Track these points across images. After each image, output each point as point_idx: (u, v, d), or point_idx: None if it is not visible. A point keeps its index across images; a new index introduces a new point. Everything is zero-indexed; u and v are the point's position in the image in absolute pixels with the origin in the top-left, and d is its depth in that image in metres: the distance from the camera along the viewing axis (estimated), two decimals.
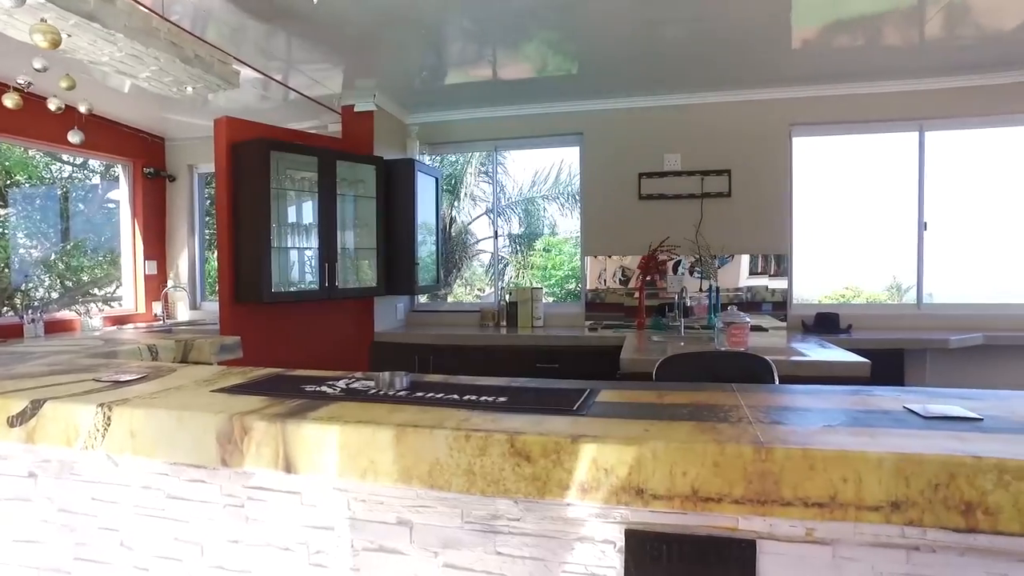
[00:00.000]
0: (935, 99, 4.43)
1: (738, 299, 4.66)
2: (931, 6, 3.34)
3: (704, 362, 2.27)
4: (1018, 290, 4.62)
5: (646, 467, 1.07)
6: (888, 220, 4.78)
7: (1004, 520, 0.97)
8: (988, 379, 4.27)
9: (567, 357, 4.30)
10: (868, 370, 2.92)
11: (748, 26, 3.53)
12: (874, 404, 1.34)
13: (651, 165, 4.79)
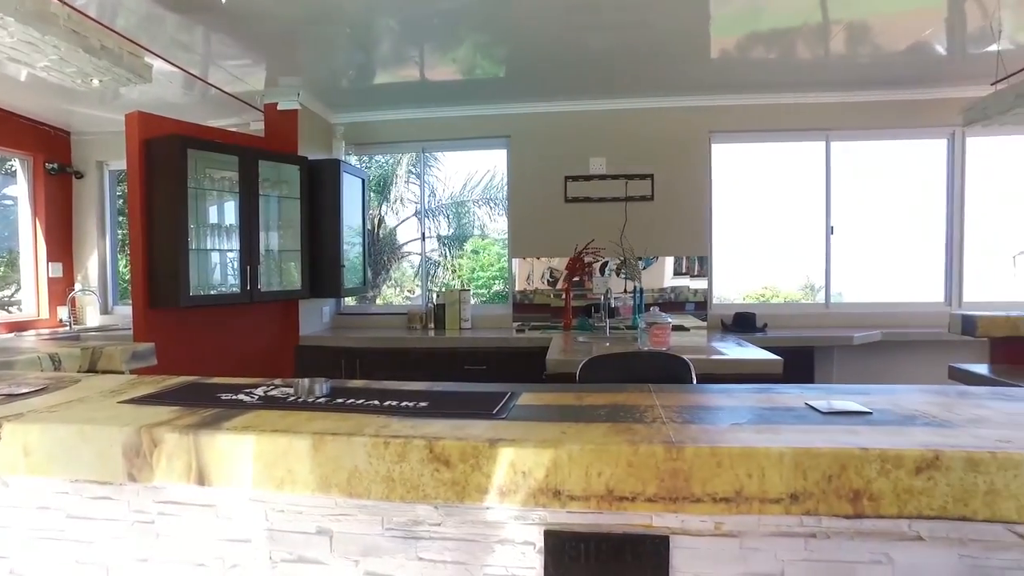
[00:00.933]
0: (839, 111, 4.72)
1: (663, 299, 4.81)
2: (834, 24, 3.55)
3: (626, 363, 2.34)
4: (911, 290, 4.97)
5: (562, 469, 1.09)
6: (801, 223, 5.04)
7: (885, 505, 1.05)
8: (886, 372, 4.58)
9: (495, 359, 4.33)
10: (781, 367, 3.07)
11: (670, 35, 3.65)
12: (779, 402, 1.42)
13: (577, 168, 4.88)
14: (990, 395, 1.45)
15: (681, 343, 3.73)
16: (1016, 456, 1.03)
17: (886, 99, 4.67)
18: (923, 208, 4.93)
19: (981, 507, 1.03)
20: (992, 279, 5.11)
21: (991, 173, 4.85)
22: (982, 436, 1.12)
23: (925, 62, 4.10)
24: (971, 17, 3.48)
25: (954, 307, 4.78)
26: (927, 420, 1.24)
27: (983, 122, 4.10)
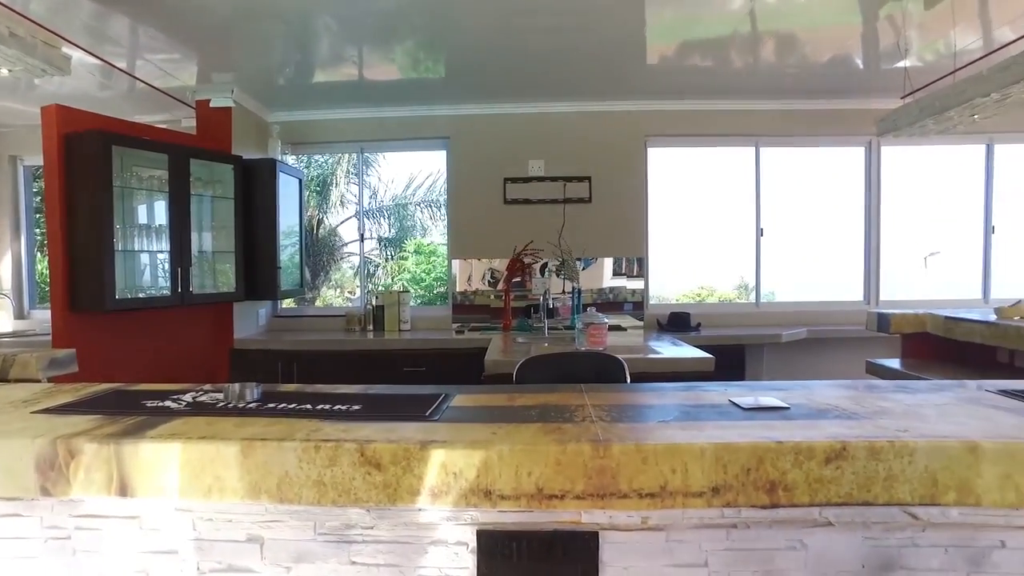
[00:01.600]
0: (768, 119, 4.91)
1: (601, 300, 4.90)
2: (764, 35, 3.70)
3: (563, 363, 2.38)
4: (834, 290, 5.23)
5: (493, 469, 1.11)
6: (733, 226, 5.22)
7: (798, 494, 1.11)
8: (811, 368, 4.79)
9: (434, 360, 4.32)
10: (712, 365, 3.18)
11: (608, 41, 3.73)
12: (704, 399, 1.48)
13: (516, 170, 4.92)
14: (894, 388, 1.55)
15: (618, 343, 3.81)
16: (911, 444, 1.10)
17: (810, 108, 4.89)
18: (845, 212, 5.19)
19: (881, 492, 1.11)
20: (906, 279, 5.42)
21: (905, 180, 5.14)
22: (884, 427, 1.20)
23: (845, 74, 4.32)
24: (883, 34, 3.69)
25: (872, 306, 5.05)
26: (838, 413, 1.32)
27: (894, 133, 4.35)
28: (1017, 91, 3.26)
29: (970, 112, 3.65)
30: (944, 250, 5.52)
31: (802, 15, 3.42)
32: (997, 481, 1.10)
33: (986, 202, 5.10)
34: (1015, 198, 5.11)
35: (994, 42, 3.67)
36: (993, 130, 4.85)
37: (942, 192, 5.32)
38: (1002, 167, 5.08)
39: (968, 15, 3.42)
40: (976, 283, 5.16)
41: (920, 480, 1.10)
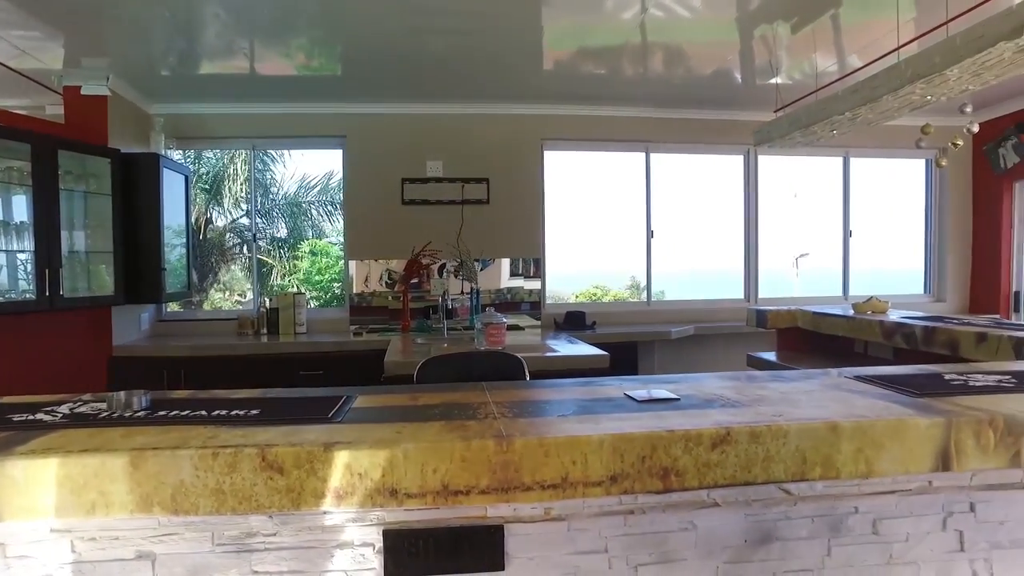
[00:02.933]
0: (657, 126, 5.17)
1: (499, 300, 4.97)
2: (653, 46, 3.89)
3: (463, 362, 2.40)
4: (718, 288, 5.59)
5: (398, 468, 1.12)
6: (626, 227, 5.45)
7: (688, 478, 1.19)
8: (699, 362, 5.09)
9: (332, 363, 4.22)
10: (607, 361, 3.32)
11: (505, 45, 3.79)
12: (601, 393, 1.55)
13: (414, 171, 4.89)
14: (770, 378, 1.70)
15: (516, 342, 3.88)
16: (785, 427, 1.22)
17: (696, 117, 5.20)
18: (728, 216, 5.55)
19: (760, 472, 1.21)
20: (780, 278, 5.88)
21: (779, 187, 5.58)
22: (762, 412, 1.31)
23: (725, 87, 4.63)
24: (757, 53, 3.99)
25: (751, 303, 5.43)
26: (723, 402, 1.42)
27: (768, 143, 4.72)
28: (864, 111, 3.63)
29: (830, 127, 4.02)
30: (812, 252, 6.02)
31: (687, 30, 3.63)
32: (852, 455, 1.24)
33: (844, 209, 5.62)
34: (867, 205, 5.67)
35: (847, 67, 4.05)
36: (849, 144, 5.36)
37: (810, 199, 5.81)
38: (856, 177, 5.62)
39: (826, 42, 3.77)
40: (837, 281, 5.68)
41: (792, 459, 1.21)
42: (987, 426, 1.28)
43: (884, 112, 3.61)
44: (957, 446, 1.27)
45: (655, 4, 3.27)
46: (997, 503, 1.44)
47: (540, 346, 3.80)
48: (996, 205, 5.48)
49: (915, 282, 5.86)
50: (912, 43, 3.35)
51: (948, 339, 2.75)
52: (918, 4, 3.22)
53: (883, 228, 5.82)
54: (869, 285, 5.46)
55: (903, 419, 1.26)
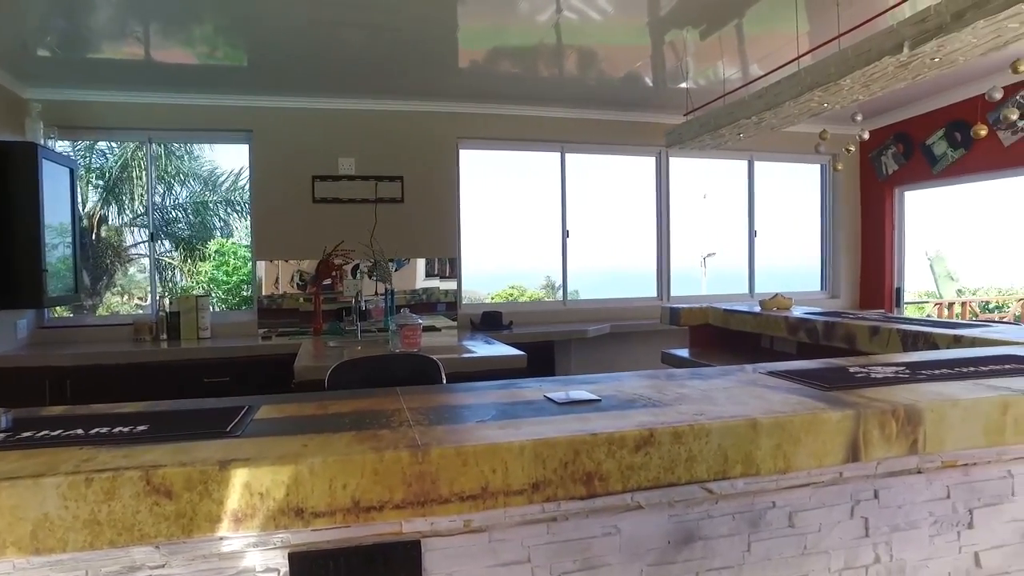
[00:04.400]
0: (572, 126, 5.21)
1: (415, 301, 4.86)
2: (568, 48, 3.90)
3: (377, 366, 2.30)
4: (633, 287, 5.70)
5: (304, 485, 1.02)
6: (542, 227, 5.46)
7: (612, 482, 1.16)
8: (615, 360, 5.17)
9: (238, 369, 3.98)
10: (525, 362, 3.29)
11: (420, 41, 3.69)
12: (520, 396, 1.49)
13: (325, 168, 4.70)
14: (689, 376, 1.70)
15: (433, 343, 3.79)
16: (707, 426, 1.21)
17: (610, 119, 5.27)
18: (641, 216, 5.67)
19: (683, 472, 1.20)
20: (691, 276, 6.08)
21: (689, 188, 5.75)
22: (683, 412, 1.30)
23: (638, 90, 4.72)
24: (668, 57, 4.08)
25: (664, 301, 5.57)
26: (644, 402, 1.40)
27: (679, 145, 4.86)
28: (768, 116, 3.80)
29: (737, 131, 4.18)
30: (719, 251, 6.25)
31: (600, 33, 3.66)
32: (771, 451, 1.24)
33: (749, 209, 5.87)
34: (770, 207, 5.95)
35: (751, 74, 4.22)
36: (753, 148, 5.60)
37: (718, 200, 6.03)
38: (760, 180, 5.89)
39: (731, 50, 3.91)
40: (744, 279, 5.92)
41: (714, 458, 1.20)
42: (890, 416, 1.32)
43: (786, 117, 3.78)
44: (865, 437, 1.31)
45: (569, 7, 3.27)
46: (897, 488, 1.50)
47: (457, 347, 3.73)
48: (880, 209, 5.89)
49: (813, 279, 6.20)
50: (808, 54, 3.51)
51: (846, 333, 2.90)
52: (812, 19, 3.39)
53: (785, 228, 6.12)
54: (773, 282, 5.73)
55: (817, 413, 1.28)
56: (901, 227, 5.88)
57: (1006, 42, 2.60)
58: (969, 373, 1.66)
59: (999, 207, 8.54)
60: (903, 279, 5.93)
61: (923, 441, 1.35)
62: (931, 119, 5.27)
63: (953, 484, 1.54)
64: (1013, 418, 1.42)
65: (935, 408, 1.36)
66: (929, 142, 5.29)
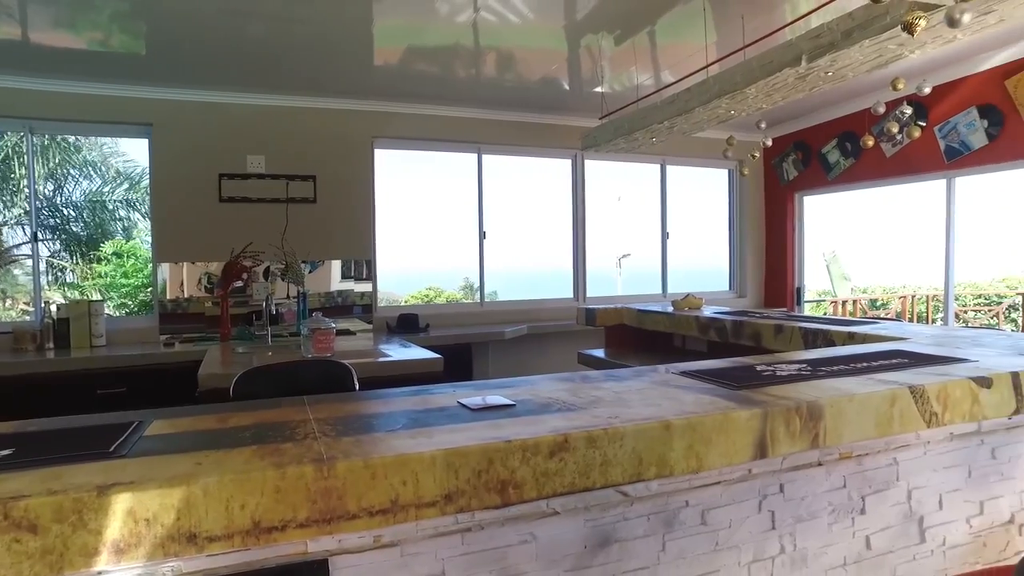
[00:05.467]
0: (489, 127, 5.20)
1: (330, 304, 4.71)
2: (485, 49, 3.88)
3: (286, 373, 2.19)
4: (550, 288, 5.75)
5: (197, 508, 0.94)
6: (459, 228, 5.41)
7: (527, 490, 1.14)
8: (532, 361, 5.19)
9: (137, 379, 3.72)
10: (441, 365, 3.23)
11: (334, 37, 3.57)
12: (433, 402, 1.45)
13: (233, 166, 4.47)
14: (604, 378, 1.71)
15: (347, 347, 3.68)
16: (621, 429, 1.21)
17: (527, 121, 5.30)
18: (557, 217, 5.73)
19: (598, 477, 1.19)
20: (606, 277, 6.20)
21: (604, 190, 5.86)
22: (598, 415, 1.30)
23: (555, 93, 4.76)
24: (584, 62, 4.14)
25: (581, 302, 5.65)
26: (559, 407, 1.39)
27: (595, 148, 4.94)
28: (680, 122, 3.92)
29: (650, 135, 4.29)
30: (633, 252, 6.40)
31: (517, 35, 3.66)
32: (684, 452, 1.26)
33: (662, 212, 6.05)
34: (681, 209, 6.16)
35: (663, 81, 4.34)
36: (665, 152, 5.78)
37: (632, 203, 6.17)
38: (672, 183, 6.08)
39: (644, 56, 4.01)
40: (657, 280, 6.10)
41: (629, 461, 1.21)
42: (794, 413, 1.37)
43: (696, 123, 3.91)
44: (772, 434, 1.35)
45: (487, 8, 3.26)
46: (800, 482, 1.56)
47: (372, 351, 3.63)
48: (782, 212, 6.21)
49: (722, 279, 6.47)
50: (716, 64, 3.64)
51: (753, 332, 3.02)
52: (719, 30, 3.52)
53: (695, 230, 6.36)
54: (685, 282, 5.92)
55: (727, 413, 1.31)
56: (801, 230, 6.23)
57: (887, 61, 2.80)
58: (862, 368, 1.75)
59: (884, 212, 9.24)
60: (803, 279, 6.27)
61: (823, 435, 1.41)
62: (826, 129, 5.61)
63: (849, 474, 1.62)
64: (899, 410, 1.51)
65: (834, 403, 1.42)
66: (824, 151, 5.63)
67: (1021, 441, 1.90)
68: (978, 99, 4.39)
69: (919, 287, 9.24)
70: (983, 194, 6.24)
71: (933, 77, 4.28)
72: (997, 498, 1.86)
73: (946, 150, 4.61)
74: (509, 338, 4.87)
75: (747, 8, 3.23)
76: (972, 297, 9.14)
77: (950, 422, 1.59)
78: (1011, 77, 4.18)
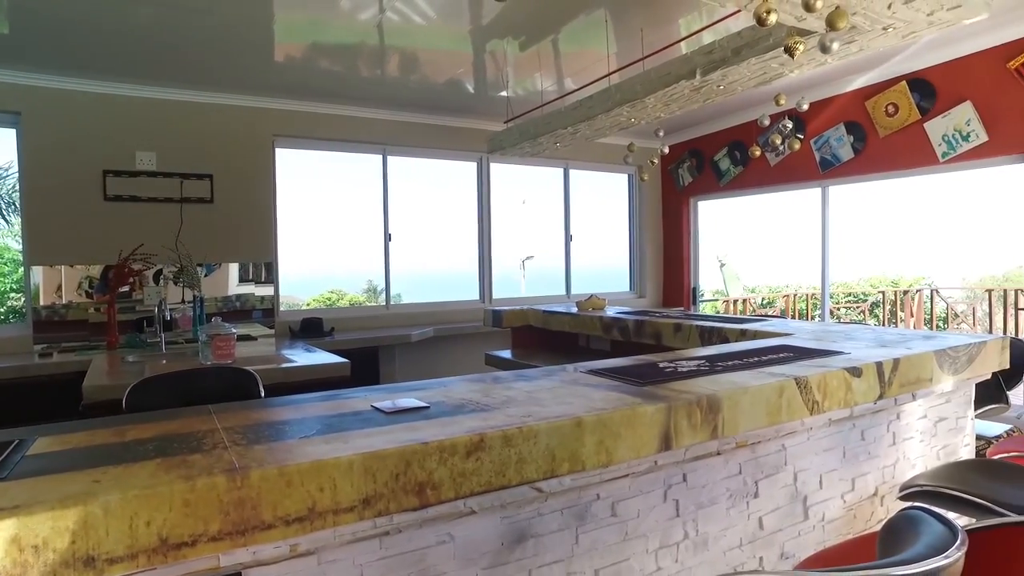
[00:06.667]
0: (395, 128, 5.14)
1: (228, 308, 4.49)
2: (390, 49, 3.84)
3: (185, 382, 2.08)
4: (456, 290, 5.76)
5: (96, 528, 0.89)
6: (364, 230, 5.32)
7: (445, 490, 1.15)
8: (440, 363, 5.19)
9: (9, 395, 3.40)
10: (348, 369, 3.18)
11: (233, 30, 3.42)
12: (347, 407, 1.43)
13: (120, 162, 4.17)
14: (515, 378, 1.75)
15: (249, 353, 3.53)
16: (535, 427, 1.24)
17: (433, 123, 5.28)
18: (464, 219, 5.75)
19: (514, 474, 1.22)
20: (510, 279, 6.28)
21: (510, 193, 5.95)
22: (512, 415, 1.33)
23: (460, 96, 4.78)
24: (489, 66, 4.19)
25: (487, 304, 5.70)
26: (473, 407, 1.41)
27: (500, 151, 5.01)
28: (583, 128, 4.05)
29: (554, 140, 4.40)
30: (536, 254, 6.53)
31: (423, 37, 3.65)
32: (595, 447, 1.32)
33: (565, 215, 6.21)
34: (584, 212, 6.35)
35: (565, 88, 4.47)
36: (569, 157, 5.94)
37: (537, 205, 6.29)
38: (575, 187, 6.25)
39: (548, 63, 4.10)
40: (561, 281, 6.25)
41: (543, 458, 1.25)
42: (696, 407, 1.46)
43: (599, 129, 4.05)
44: (675, 427, 1.43)
45: (392, 8, 3.23)
46: (701, 471, 1.66)
47: (275, 357, 3.51)
48: (678, 216, 6.54)
49: (623, 280, 6.72)
50: (616, 73, 3.79)
51: (653, 330, 3.16)
52: (619, 41, 3.67)
53: (597, 232, 6.57)
54: (588, 283, 6.11)
55: (634, 408, 1.37)
56: (696, 233, 6.58)
57: (771, 78, 3.04)
58: (754, 363, 1.89)
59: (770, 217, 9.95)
60: (699, 279, 6.62)
61: (722, 426, 1.51)
62: (718, 138, 5.96)
63: (744, 461, 1.74)
64: (787, 400, 1.65)
65: (731, 396, 1.52)
66: (716, 158, 5.98)
67: (884, 423, 2.11)
68: (845, 116, 4.82)
69: (800, 286, 10.00)
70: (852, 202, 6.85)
71: (810, 94, 4.66)
72: (866, 475, 2.06)
73: (821, 161, 5.02)
74: (416, 341, 4.83)
75: (646, 22, 3.39)
76: (844, 295, 9.97)
77: (829, 409, 1.75)
78: (870, 98, 4.62)
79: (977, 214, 10.26)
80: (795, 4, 2.05)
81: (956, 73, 4.12)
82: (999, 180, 5.73)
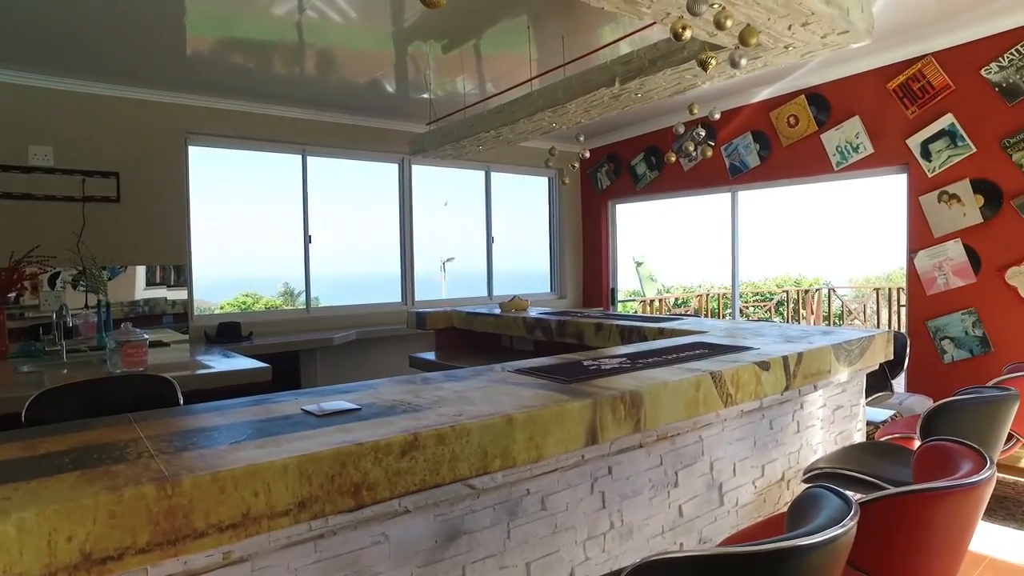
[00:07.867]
0: (314, 128, 5.04)
1: (135, 313, 4.26)
2: (308, 47, 3.76)
3: (95, 391, 1.96)
4: (378, 293, 5.70)
5: (9, 548, 0.84)
6: (282, 232, 5.17)
7: (380, 490, 1.16)
8: (363, 367, 5.12)
9: None
10: (270, 374, 3.10)
11: (139, 18, 3.25)
12: (276, 411, 1.41)
13: (11, 157, 3.87)
14: (444, 378, 1.77)
15: (162, 360, 3.38)
16: (468, 425, 1.27)
17: (353, 123, 5.20)
18: (385, 221, 5.70)
19: (447, 472, 1.25)
20: (431, 281, 6.28)
21: (432, 195, 5.94)
22: (444, 414, 1.35)
23: (381, 96, 4.73)
24: (411, 68, 4.17)
25: (409, 306, 5.66)
26: (404, 408, 1.42)
27: (423, 153, 5.01)
28: (506, 131, 4.10)
29: (476, 143, 4.44)
30: (457, 256, 6.55)
31: (342, 35, 3.60)
32: (525, 444, 1.36)
33: (487, 217, 6.26)
34: (506, 214, 6.42)
35: (487, 91, 4.52)
36: (491, 160, 5.99)
37: (459, 207, 6.31)
38: (497, 189, 6.32)
39: (470, 67, 4.14)
40: (483, 283, 6.29)
41: (476, 455, 1.28)
42: (620, 402, 1.53)
43: (521, 133, 4.12)
44: (601, 422, 1.49)
45: (310, 5, 3.17)
46: (625, 463, 1.74)
47: (191, 363, 3.37)
48: (597, 218, 6.72)
49: (544, 281, 6.84)
50: (538, 78, 3.87)
51: (576, 330, 3.25)
52: (540, 48, 3.74)
53: (518, 234, 6.66)
54: (509, 285, 6.18)
55: (562, 405, 1.43)
56: (614, 235, 6.78)
57: (685, 88, 3.20)
58: (672, 359, 1.99)
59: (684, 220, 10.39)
60: (617, 280, 6.83)
61: (644, 420, 1.59)
62: (635, 144, 6.17)
63: (665, 453, 1.84)
64: (703, 393, 1.75)
65: (652, 391, 1.60)
66: (633, 163, 6.19)
67: (789, 413, 2.28)
68: (752, 126, 5.11)
69: (712, 286, 10.49)
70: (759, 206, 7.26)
71: (722, 104, 4.92)
72: (774, 461, 2.22)
73: (730, 167, 5.29)
74: (338, 344, 4.75)
75: (567, 29, 3.48)
76: (752, 295, 10.54)
77: (741, 401, 1.87)
78: (774, 110, 4.93)
79: (864, 219, 11.13)
80: (707, 21, 2.18)
81: (847, 90, 4.46)
82: (882, 188, 6.25)
